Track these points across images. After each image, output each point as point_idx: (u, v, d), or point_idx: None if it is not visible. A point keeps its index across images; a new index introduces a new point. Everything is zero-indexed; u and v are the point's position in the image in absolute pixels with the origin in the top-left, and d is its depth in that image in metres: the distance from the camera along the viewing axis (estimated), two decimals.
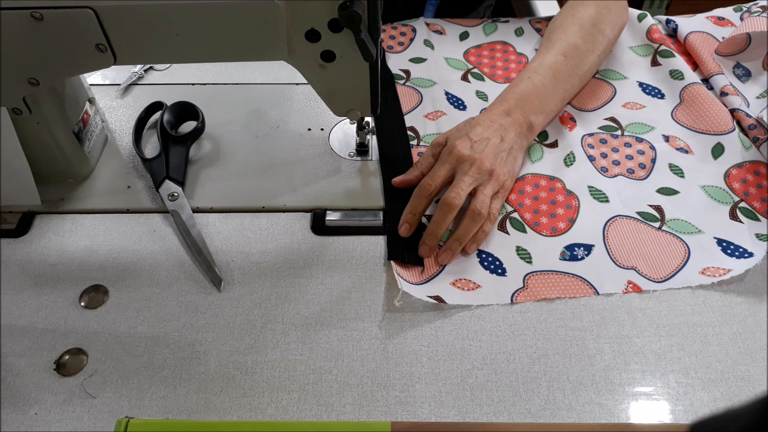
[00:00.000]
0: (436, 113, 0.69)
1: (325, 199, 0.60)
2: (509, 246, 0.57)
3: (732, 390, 0.48)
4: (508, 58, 0.75)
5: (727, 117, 0.65)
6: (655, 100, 0.70)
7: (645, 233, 0.58)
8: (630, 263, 0.55)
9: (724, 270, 0.54)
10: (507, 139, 0.59)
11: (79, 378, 0.48)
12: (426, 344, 0.50)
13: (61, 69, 0.50)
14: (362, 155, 0.65)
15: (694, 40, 0.74)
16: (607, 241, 0.57)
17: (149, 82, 0.73)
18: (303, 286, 0.54)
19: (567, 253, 0.56)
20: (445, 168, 0.57)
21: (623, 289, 0.54)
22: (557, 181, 0.62)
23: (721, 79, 0.69)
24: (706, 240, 0.57)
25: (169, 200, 0.59)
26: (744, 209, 0.59)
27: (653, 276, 0.55)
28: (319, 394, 0.48)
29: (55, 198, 0.60)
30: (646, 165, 0.63)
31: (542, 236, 0.58)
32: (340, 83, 0.54)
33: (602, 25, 0.69)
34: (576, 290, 0.54)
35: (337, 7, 0.46)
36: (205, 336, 0.51)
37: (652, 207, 0.60)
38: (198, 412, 0.46)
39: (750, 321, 0.52)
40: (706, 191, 0.61)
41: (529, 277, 0.55)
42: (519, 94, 0.63)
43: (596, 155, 0.64)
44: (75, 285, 0.54)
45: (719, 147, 0.64)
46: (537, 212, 0.59)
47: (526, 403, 0.47)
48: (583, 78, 0.69)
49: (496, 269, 0.55)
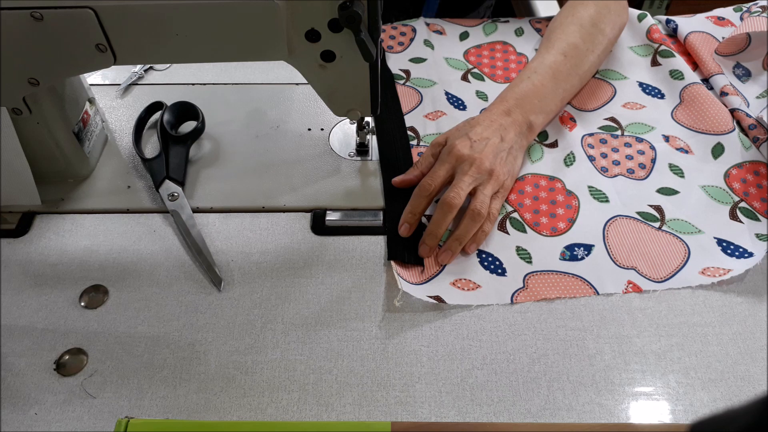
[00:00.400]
0: (436, 113, 0.69)
1: (325, 199, 0.60)
2: (509, 246, 0.57)
3: (732, 390, 0.48)
4: (508, 58, 0.75)
5: (727, 117, 0.65)
6: (655, 100, 0.70)
7: (645, 233, 0.58)
8: (630, 263, 0.55)
9: (724, 270, 0.54)
10: (507, 139, 0.59)
11: (79, 378, 0.48)
12: (426, 344, 0.50)
13: (61, 69, 0.50)
14: (362, 155, 0.65)
15: (694, 40, 0.74)
16: (607, 241, 0.57)
17: (149, 82, 0.73)
18: (303, 286, 0.54)
19: (567, 253, 0.56)
20: (445, 168, 0.57)
21: (623, 289, 0.54)
22: (557, 181, 0.62)
23: (721, 79, 0.69)
24: (706, 240, 0.57)
25: (169, 200, 0.59)
26: (744, 209, 0.59)
27: (653, 276, 0.55)
28: (319, 394, 0.48)
29: (55, 198, 0.60)
30: (646, 165, 0.63)
31: (542, 236, 0.57)
32: (340, 83, 0.54)
33: (602, 24, 0.68)
34: (576, 290, 0.54)
35: (337, 7, 0.46)
36: (205, 336, 0.51)
37: (652, 207, 0.60)
38: (198, 412, 0.46)
39: (750, 321, 0.52)
40: (706, 191, 0.61)
41: (529, 277, 0.55)
42: (519, 94, 0.63)
43: (596, 155, 0.64)
44: (75, 285, 0.54)
45: (719, 147, 0.64)
46: (537, 212, 0.59)
47: (526, 403, 0.47)
48: (583, 78, 0.69)
49: (496, 269, 0.55)
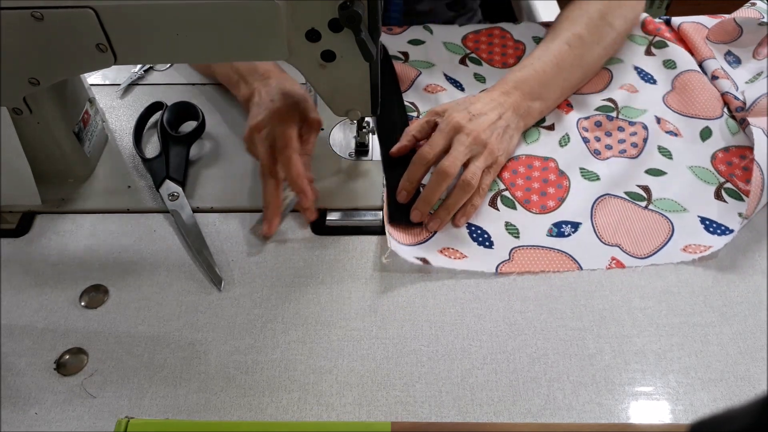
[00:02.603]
0: (435, 87, 0.71)
1: (325, 199, 0.60)
2: (498, 221, 0.59)
3: (732, 390, 0.48)
4: (506, 44, 0.77)
5: (716, 104, 0.67)
6: (648, 86, 0.71)
7: (631, 212, 0.59)
8: (615, 240, 0.57)
9: (705, 247, 0.56)
10: (504, 117, 0.61)
11: (80, 378, 0.48)
12: (426, 344, 0.50)
13: (62, 69, 0.50)
14: (362, 155, 0.65)
15: (687, 28, 0.75)
16: (594, 219, 0.58)
17: (149, 82, 0.73)
18: (303, 286, 0.54)
19: (554, 230, 0.58)
20: (443, 137, 0.59)
21: (606, 264, 0.55)
22: (551, 160, 0.63)
23: (713, 63, 0.71)
24: (690, 218, 0.58)
25: (170, 200, 0.59)
26: (729, 189, 0.60)
27: (636, 253, 0.56)
28: (319, 394, 0.48)
29: (56, 198, 0.60)
30: (638, 144, 0.64)
31: (532, 213, 0.59)
32: (340, 83, 0.54)
33: (611, 18, 0.69)
34: (560, 265, 0.55)
35: (337, 7, 0.46)
36: (205, 336, 0.51)
37: (639, 187, 0.61)
38: (198, 412, 0.46)
39: (750, 321, 0.52)
40: (693, 171, 0.62)
41: (516, 251, 0.56)
42: (519, 78, 0.64)
43: (590, 138, 0.66)
44: (75, 285, 0.54)
45: (707, 130, 0.65)
46: (529, 190, 0.61)
47: (526, 403, 0.47)
48: (587, 70, 0.69)
49: (484, 242, 0.57)
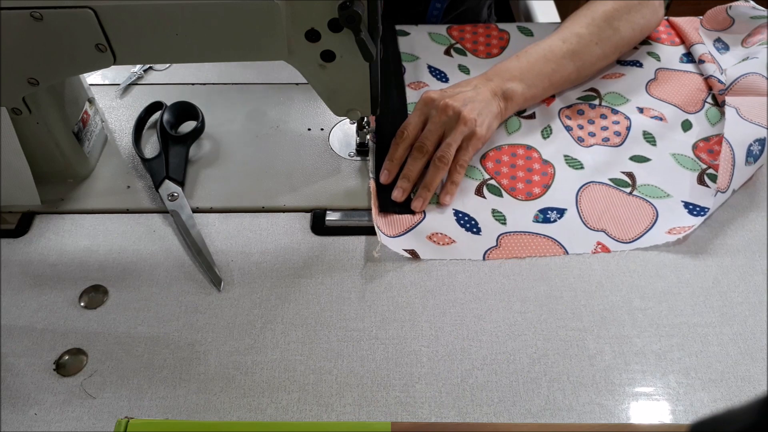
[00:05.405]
0: (419, 83, 0.72)
1: (325, 199, 0.60)
2: (485, 208, 0.59)
3: (732, 390, 0.48)
4: (490, 34, 0.78)
5: (696, 97, 0.69)
6: (634, 69, 0.72)
7: (616, 198, 0.60)
8: (600, 226, 0.58)
9: (687, 227, 0.57)
10: (481, 93, 0.62)
11: (79, 378, 0.48)
12: (426, 344, 0.50)
13: (61, 69, 0.50)
14: (362, 155, 0.65)
15: (679, 20, 0.77)
16: (580, 205, 0.59)
17: (149, 82, 0.73)
18: (303, 286, 0.54)
19: (540, 216, 0.59)
20: (418, 114, 0.60)
21: (592, 249, 0.56)
22: (534, 151, 0.64)
23: (701, 47, 0.72)
24: (674, 203, 0.59)
25: (169, 200, 0.59)
26: (711, 175, 0.62)
27: (622, 237, 0.57)
28: (319, 394, 0.47)
29: (55, 198, 0.60)
30: (621, 133, 0.65)
31: (518, 200, 0.60)
32: (340, 83, 0.54)
33: (617, 22, 0.68)
34: (546, 250, 0.56)
35: (337, 7, 0.46)
36: (205, 336, 0.51)
37: (624, 173, 0.62)
38: (198, 413, 0.46)
39: (750, 321, 0.52)
40: (676, 159, 0.63)
41: (503, 237, 0.57)
42: (502, 67, 0.66)
43: (573, 126, 0.66)
44: (75, 285, 0.54)
45: (687, 123, 0.67)
46: (514, 178, 0.62)
47: (526, 404, 0.47)
48: (581, 67, 0.68)
49: (472, 228, 0.58)
